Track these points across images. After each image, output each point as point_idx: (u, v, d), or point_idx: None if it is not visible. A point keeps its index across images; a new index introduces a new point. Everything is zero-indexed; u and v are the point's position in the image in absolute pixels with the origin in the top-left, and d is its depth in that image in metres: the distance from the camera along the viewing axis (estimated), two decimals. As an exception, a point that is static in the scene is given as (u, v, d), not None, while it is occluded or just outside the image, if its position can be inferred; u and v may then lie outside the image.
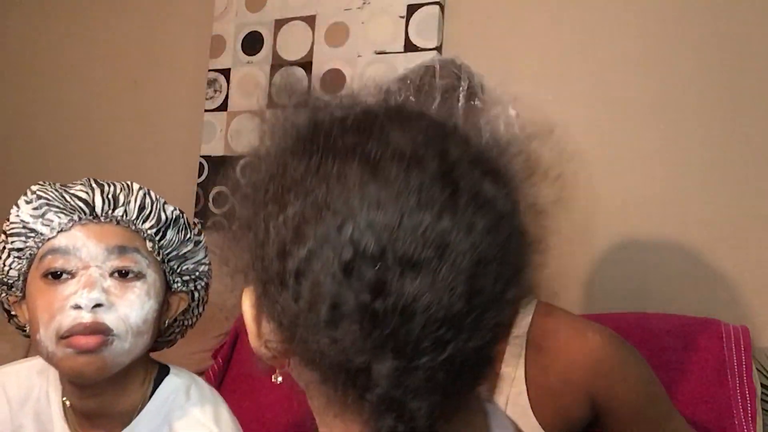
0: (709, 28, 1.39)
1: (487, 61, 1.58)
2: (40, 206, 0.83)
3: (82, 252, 0.81)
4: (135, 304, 0.82)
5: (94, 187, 0.86)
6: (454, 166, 0.44)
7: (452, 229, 0.42)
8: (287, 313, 0.44)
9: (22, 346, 1.62)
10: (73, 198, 0.84)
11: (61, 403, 0.91)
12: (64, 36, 2.14)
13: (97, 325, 0.79)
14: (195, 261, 0.92)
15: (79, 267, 0.81)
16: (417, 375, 0.41)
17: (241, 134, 1.78)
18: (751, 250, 1.32)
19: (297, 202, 0.44)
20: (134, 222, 0.86)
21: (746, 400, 1.13)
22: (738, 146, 1.35)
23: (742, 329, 1.19)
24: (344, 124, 0.47)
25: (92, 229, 0.83)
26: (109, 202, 0.85)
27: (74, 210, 0.83)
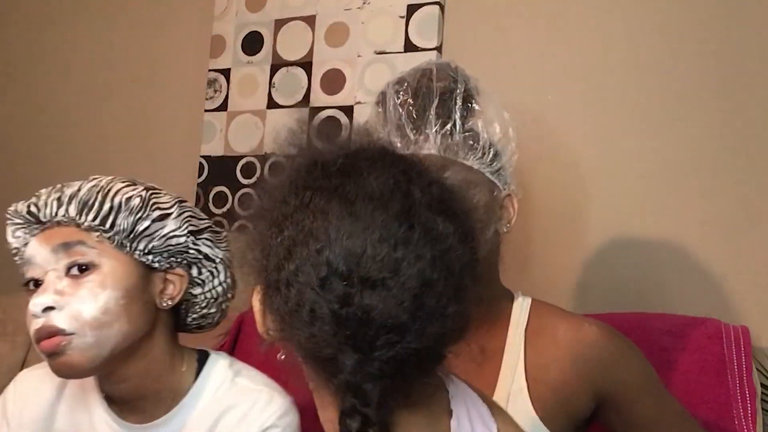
0: (709, 28, 1.39)
1: (487, 61, 1.59)
2: (9, 226, 0.91)
3: (38, 258, 0.87)
4: (86, 298, 0.85)
5: (40, 194, 0.91)
6: (412, 207, 0.57)
7: (404, 258, 0.55)
8: (280, 312, 0.59)
9: (22, 347, 1.62)
10: (25, 211, 0.89)
11: (100, 393, 0.95)
12: (63, 36, 2.14)
13: (49, 329, 0.83)
14: (161, 236, 0.92)
15: (42, 274, 0.86)
16: (372, 365, 0.55)
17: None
18: (751, 250, 1.32)
19: (290, 228, 0.58)
20: (75, 218, 0.88)
21: (746, 400, 1.13)
22: (737, 146, 1.35)
23: (742, 329, 1.19)
24: (332, 167, 0.60)
25: (41, 236, 0.89)
26: (50, 206, 0.89)
27: (26, 223, 0.90)
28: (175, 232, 0.92)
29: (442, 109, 0.95)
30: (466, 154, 0.95)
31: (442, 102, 0.95)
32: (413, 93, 0.97)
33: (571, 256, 1.43)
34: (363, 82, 1.67)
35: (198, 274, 0.97)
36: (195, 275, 0.97)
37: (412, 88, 0.97)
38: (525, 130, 1.51)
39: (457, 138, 0.94)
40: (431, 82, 0.96)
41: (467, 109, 0.96)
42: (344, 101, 1.68)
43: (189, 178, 1.86)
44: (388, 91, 0.99)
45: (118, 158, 1.98)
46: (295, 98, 1.74)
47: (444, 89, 0.96)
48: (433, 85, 0.96)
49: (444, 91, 0.96)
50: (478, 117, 0.97)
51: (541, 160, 1.49)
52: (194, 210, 0.97)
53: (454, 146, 0.94)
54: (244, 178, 1.77)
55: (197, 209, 0.98)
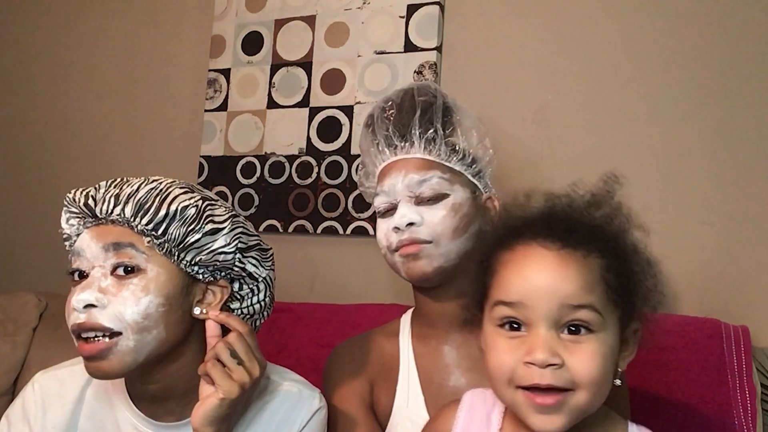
0: (710, 28, 1.40)
1: (486, 61, 1.59)
2: (65, 212, 0.91)
3: (87, 253, 0.87)
4: (129, 300, 0.84)
5: (99, 187, 0.90)
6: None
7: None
8: None
9: (22, 347, 1.62)
10: (82, 202, 0.89)
11: (127, 394, 0.95)
12: (64, 36, 2.14)
13: (92, 325, 0.83)
14: (210, 251, 0.91)
15: (88, 268, 0.87)
16: None
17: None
18: (752, 250, 1.32)
19: None
20: (129, 220, 0.88)
21: (746, 400, 1.13)
22: (737, 146, 1.35)
23: (742, 329, 1.19)
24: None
25: (94, 230, 0.88)
26: (108, 203, 0.88)
27: (82, 214, 0.89)
28: (224, 248, 0.91)
29: (424, 118, 1.05)
30: (448, 157, 1.04)
31: (424, 113, 1.05)
32: (398, 107, 1.07)
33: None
34: (363, 82, 1.67)
35: (239, 289, 0.96)
36: (236, 290, 0.96)
37: (397, 104, 1.08)
38: (525, 130, 1.52)
39: (439, 143, 1.03)
40: (413, 98, 1.07)
41: (447, 120, 1.06)
42: (344, 101, 1.68)
43: (189, 178, 1.86)
44: (375, 111, 1.10)
45: (118, 158, 1.98)
46: (295, 98, 1.74)
47: (425, 103, 1.06)
48: (415, 99, 1.07)
49: (425, 104, 1.06)
50: (457, 126, 1.06)
51: (542, 160, 1.49)
52: (246, 226, 0.96)
53: (436, 150, 1.03)
54: (244, 178, 1.77)
55: (249, 225, 0.97)
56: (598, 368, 0.69)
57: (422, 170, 1.01)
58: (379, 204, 1.05)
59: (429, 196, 1.00)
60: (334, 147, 1.68)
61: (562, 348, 0.69)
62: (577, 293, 0.70)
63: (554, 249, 0.73)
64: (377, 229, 1.06)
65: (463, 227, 1.01)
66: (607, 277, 0.72)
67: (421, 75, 1.60)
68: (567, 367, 0.69)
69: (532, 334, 0.70)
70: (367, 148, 1.11)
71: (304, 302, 1.56)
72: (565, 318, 0.70)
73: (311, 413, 0.97)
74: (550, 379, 0.68)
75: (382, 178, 1.05)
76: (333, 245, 1.67)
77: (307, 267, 1.70)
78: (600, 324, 0.70)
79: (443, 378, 1.03)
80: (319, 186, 1.68)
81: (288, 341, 1.42)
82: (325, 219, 1.66)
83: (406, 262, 1.00)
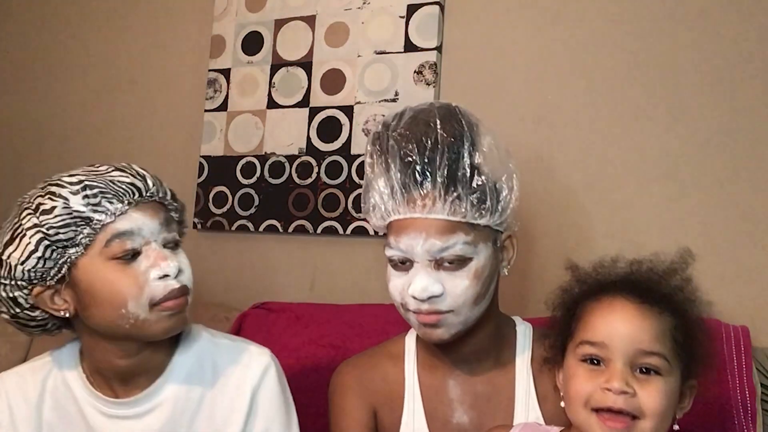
0: (710, 31, 1.39)
1: (487, 61, 1.59)
2: (94, 195, 0.92)
3: (144, 231, 0.94)
4: (176, 264, 0.95)
5: (137, 172, 1.00)
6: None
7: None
8: None
9: (21, 347, 1.62)
10: (120, 184, 0.95)
11: (85, 380, 1.01)
12: (63, 36, 2.14)
13: (184, 289, 0.96)
14: None
15: (142, 244, 0.93)
16: None
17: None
18: (751, 250, 1.32)
19: None
20: (168, 198, 1.00)
21: (746, 400, 1.13)
22: (737, 147, 1.35)
23: (742, 329, 1.19)
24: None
25: (144, 209, 0.95)
26: (155, 183, 0.99)
27: (123, 194, 0.94)
28: None
29: (452, 173, 0.93)
30: (473, 215, 0.93)
31: (452, 164, 0.93)
32: (418, 145, 0.94)
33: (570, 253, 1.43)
34: (363, 82, 1.67)
35: None
36: None
37: (416, 140, 0.94)
38: (525, 130, 1.52)
39: (466, 202, 0.93)
40: (437, 137, 0.94)
41: (474, 166, 0.94)
42: (344, 101, 1.68)
43: (189, 178, 1.86)
44: (390, 138, 0.96)
45: (118, 158, 1.97)
46: (295, 98, 1.74)
47: (451, 147, 0.93)
48: (439, 140, 0.93)
49: (452, 149, 0.93)
50: (483, 169, 0.94)
51: (542, 160, 1.49)
52: None
53: (462, 210, 0.93)
54: (244, 178, 1.77)
55: None
56: (662, 403, 0.81)
57: (445, 235, 0.92)
58: (392, 256, 0.96)
59: (452, 262, 0.92)
60: (334, 147, 1.68)
61: (635, 382, 0.82)
62: (651, 342, 0.82)
63: (635, 302, 0.85)
64: (389, 280, 0.98)
65: (484, 292, 0.96)
66: (676, 334, 0.84)
67: (421, 75, 1.60)
68: (638, 397, 0.81)
69: (610, 368, 0.83)
70: (375, 179, 0.99)
71: (304, 302, 1.56)
72: (638, 360, 0.82)
73: (264, 368, 1.02)
74: (623, 404, 0.80)
75: (397, 232, 0.95)
76: (333, 245, 1.67)
77: (307, 267, 1.70)
78: (667, 370, 0.83)
79: (448, 414, 1.01)
80: (319, 186, 1.68)
81: (288, 341, 1.42)
82: (325, 219, 1.66)
83: (423, 328, 0.96)
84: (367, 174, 1.01)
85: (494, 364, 1.03)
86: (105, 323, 0.93)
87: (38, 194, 0.93)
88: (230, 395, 1.00)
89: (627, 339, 0.83)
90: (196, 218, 1.82)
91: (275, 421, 1.01)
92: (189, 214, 1.84)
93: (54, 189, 0.92)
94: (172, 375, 1.00)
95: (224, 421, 0.99)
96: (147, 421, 0.99)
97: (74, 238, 0.90)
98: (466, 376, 1.02)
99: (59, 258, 0.91)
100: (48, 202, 0.91)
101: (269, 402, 1.01)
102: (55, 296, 0.94)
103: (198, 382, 1.01)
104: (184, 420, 0.99)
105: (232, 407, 1.00)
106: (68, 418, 1.00)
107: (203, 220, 1.81)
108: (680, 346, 0.84)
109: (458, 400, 1.01)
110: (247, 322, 1.49)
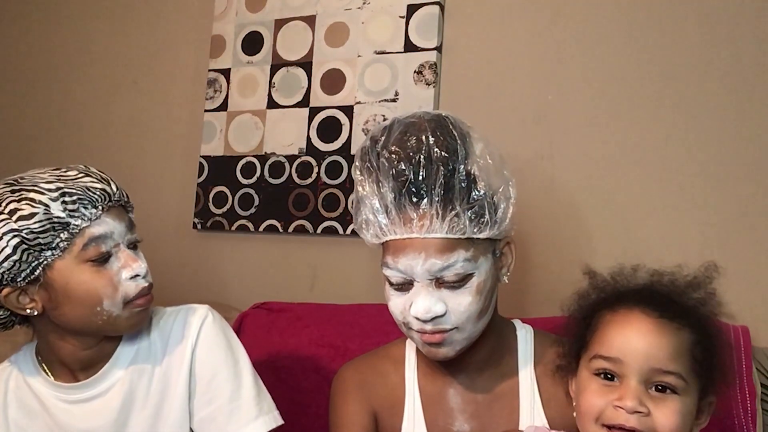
0: (712, 30, 1.39)
1: (487, 61, 1.59)
2: (72, 202, 0.96)
3: (115, 234, 1.00)
4: (144, 265, 1.03)
5: (102, 177, 1.04)
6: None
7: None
8: None
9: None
10: (94, 191, 0.98)
11: (44, 374, 1.07)
12: (64, 36, 2.14)
13: (150, 287, 1.03)
14: None
15: (112, 246, 0.99)
16: None
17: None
18: (752, 250, 1.32)
19: None
20: (126, 201, 1.05)
21: (746, 400, 1.13)
22: (737, 147, 1.35)
23: (742, 329, 1.19)
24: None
25: (113, 213, 1.00)
26: (119, 188, 1.03)
27: (98, 200, 0.98)
28: None
29: (445, 188, 0.90)
30: (472, 231, 0.91)
31: (446, 179, 0.90)
32: (409, 162, 0.91)
33: (570, 253, 1.43)
34: (363, 82, 1.67)
35: None
36: None
37: (407, 157, 0.91)
38: (525, 130, 1.52)
39: (464, 218, 0.90)
40: (430, 156, 0.90)
41: (470, 180, 0.91)
42: (344, 101, 1.68)
43: (189, 178, 1.86)
44: (380, 161, 0.93)
45: (118, 158, 1.98)
46: (295, 98, 1.74)
47: (446, 164, 0.90)
48: (431, 153, 0.90)
49: (446, 166, 0.90)
50: (480, 182, 0.92)
51: (542, 160, 1.49)
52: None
53: (461, 227, 0.90)
54: (244, 178, 1.77)
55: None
56: (678, 424, 0.78)
57: (445, 254, 0.89)
58: (391, 277, 0.94)
59: (453, 281, 0.91)
60: (334, 147, 1.68)
61: (649, 400, 0.79)
62: (668, 360, 0.80)
63: (653, 317, 0.82)
64: (388, 298, 0.96)
65: (487, 305, 0.95)
66: (695, 351, 0.81)
67: (421, 75, 1.60)
68: (652, 417, 0.78)
69: (624, 385, 0.80)
70: (366, 196, 0.95)
71: (304, 302, 1.56)
72: (654, 378, 0.80)
73: (201, 320, 1.08)
74: (635, 424, 0.78)
75: (394, 252, 0.92)
76: (333, 245, 1.67)
77: (307, 267, 1.70)
78: (684, 389, 0.80)
79: (448, 423, 1.01)
80: (319, 186, 1.68)
81: (288, 341, 1.42)
82: (325, 219, 1.66)
83: (428, 347, 0.95)
84: (357, 190, 0.97)
85: (495, 372, 1.02)
86: (77, 320, 0.99)
87: (10, 198, 0.95)
88: (177, 353, 1.07)
89: (642, 356, 0.80)
90: (196, 218, 1.82)
91: (222, 365, 1.06)
92: (189, 214, 1.85)
93: (32, 195, 0.95)
94: (123, 351, 1.07)
95: (176, 378, 1.06)
96: (108, 397, 1.05)
97: (52, 242, 0.94)
98: (466, 385, 1.02)
99: (34, 261, 0.95)
100: (26, 207, 0.94)
101: (209, 349, 1.06)
102: (21, 296, 0.97)
103: (147, 350, 1.08)
104: (141, 388, 1.05)
105: (180, 363, 1.06)
106: (32, 414, 1.06)
107: (203, 220, 1.81)
108: (699, 363, 0.81)
109: (459, 409, 1.01)
110: (247, 322, 1.49)
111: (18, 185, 0.97)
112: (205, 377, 1.05)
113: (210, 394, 1.04)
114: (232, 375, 1.05)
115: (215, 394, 1.04)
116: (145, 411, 1.05)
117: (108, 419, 1.04)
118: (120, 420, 1.04)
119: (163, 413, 1.05)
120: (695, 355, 0.81)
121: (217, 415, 1.04)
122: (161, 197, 1.91)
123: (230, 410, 1.03)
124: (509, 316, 1.11)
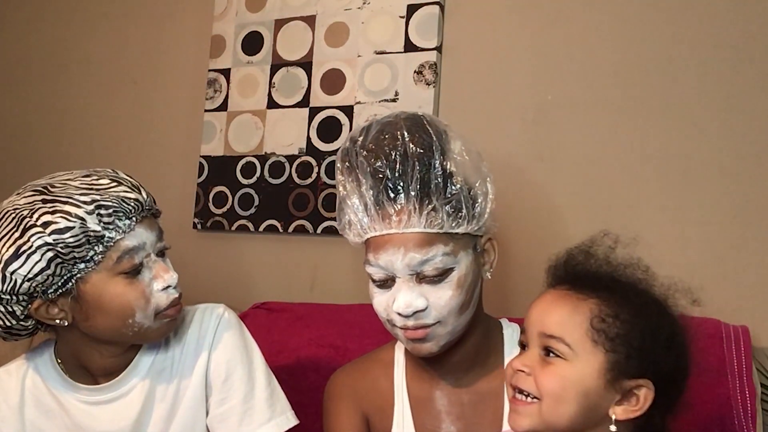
0: (710, 27, 1.39)
1: (487, 61, 1.59)
2: (108, 215, 0.94)
3: (147, 245, 0.98)
4: (175, 276, 1.01)
5: (133, 185, 1.00)
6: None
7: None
8: None
9: (22, 347, 1.62)
10: (127, 201, 0.96)
11: (63, 374, 1.05)
12: (64, 36, 2.14)
13: (180, 296, 1.01)
14: None
15: (144, 257, 0.98)
16: None
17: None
18: (752, 250, 1.32)
19: None
20: (155, 209, 1.03)
21: (746, 400, 1.13)
22: (738, 146, 1.35)
23: (742, 329, 1.19)
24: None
25: (145, 223, 0.99)
26: (148, 195, 1.01)
27: (132, 212, 0.96)
28: None
29: (422, 183, 0.91)
30: (451, 225, 0.92)
31: (422, 174, 0.92)
32: (386, 160, 0.93)
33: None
34: (363, 82, 1.67)
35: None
36: None
37: (384, 155, 0.93)
38: (525, 130, 1.52)
39: (442, 213, 0.91)
40: (406, 152, 0.92)
41: (446, 175, 0.93)
42: (344, 101, 1.68)
43: (189, 178, 1.86)
44: (359, 160, 0.95)
45: (118, 158, 1.98)
46: (295, 98, 1.74)
47: (421, 159, 0.92)
48: (407, 150, 0.92)
49: (422, 162, 0.92)
50: (457, 177, 0.93)
51: (542, 160, 1.49)
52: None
53: (439, 221, 0.91)
54: (244, 178, 1.77)
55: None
56: (555, 386, 0.80)
57: (424, 248, 0.91)
58: (373, 274, 0.95)
59: (433, 275, 0.92)
60: (334, 147, 1.68)
61: (539, 363, 0.83)
62: (553, 325, 0.83)
63: (561, 290, 0.86)
64: (372, 297, 0.98)
65: (468, 300, 0.95)
66: (594, 321, 0.81)
67: (421, 75, 1.60)
68: (533, 377, 0.82)
69: (526, 350, 0.86)
70: (347, 196, 0.96)
71: (304, 302, 1.56)
72: (544, 343, 0.83)
73: (217, 321, 1.08)
74: (517, 382, 0.84)
75: (375, 248, 0.94)
76: (333, 245, 1.67)
77: (307, 267, 1.70)
78: (571, 355, 0.81)
79: (436, 425, 1.01)
80: (319, 186, 1.68)
81: (288, 341, 1.42)
82: (325, 219, 1.66)
83: (411, 343, 0.96)
84: (339, 191, 0.99)
85: (481, 372, 1.03)
86: (108, 332, 0.98)
87: (43, 210, 0.91)
88: (194, 353, 1.07)
89: (534, 323, 0.85)
90: (196, 218, 1.82)
91: (237, 366, 1.06)
92: (189, 214, 1.85)
93: (67, 208, 0.91)
94: (144, 354, 1.07)
95: (193, 378, 1.06)
96: (128, 399, 1.04)
97: (86, 255, 0.93)
98: (452, 386, 1.02)
99: (66, 274, 0.93)
100: (61, 220, 0.90)
101: (225, 349, 1.07)
102: (50, 307, 0.95)
103: (165, 352, 1.07)
104: (160, 389, 1.05)
105: (197, 364, 1.06)
106: (50, 414, 1.04)
107: (203, 220, 1.81)
108: (599, 333, 0.80)
109: (445, 411, 1.02)
110: (247, 322, 1.48)
111: (50, 195, 0.93)
112: (220, 377, 1.06)
113: (224, 394, 1.05)
114: (246, 375, 1.06)
115: (229, 394, 1.05)
116: (163, 412, 1.05)
117: (128, 421, 1.04)
118: (140, 421, 1.04)
119: (180, 413, 1.05)
120: (593, 325, 0.81)
121: (229, 415, 1.04)
122: (161, 197, 1.88)
123: (243, 411, 1.04)
124: (508, 316, 1.11)
